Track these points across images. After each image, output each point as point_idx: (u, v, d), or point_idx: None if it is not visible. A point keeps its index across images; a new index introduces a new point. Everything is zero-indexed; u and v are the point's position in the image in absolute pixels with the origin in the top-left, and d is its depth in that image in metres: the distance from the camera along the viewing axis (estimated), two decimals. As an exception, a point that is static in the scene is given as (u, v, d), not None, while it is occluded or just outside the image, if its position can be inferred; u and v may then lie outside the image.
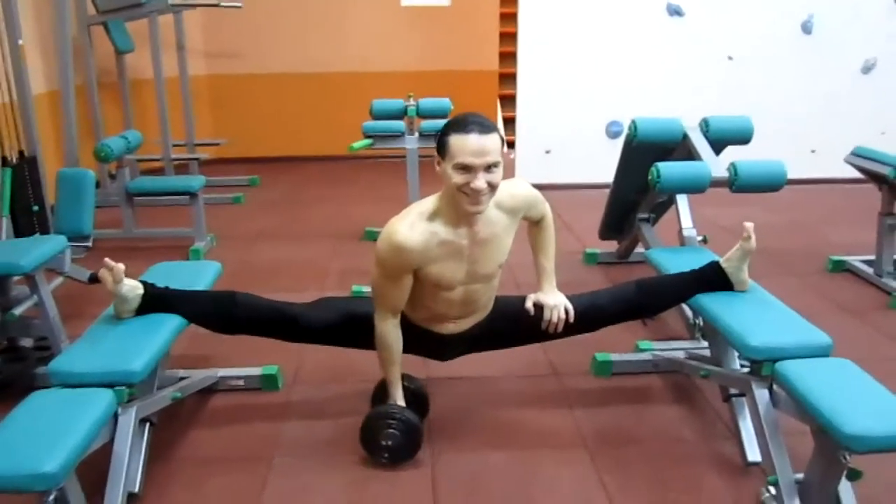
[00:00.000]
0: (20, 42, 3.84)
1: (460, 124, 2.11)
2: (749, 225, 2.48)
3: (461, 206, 2.15)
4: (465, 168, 2.09)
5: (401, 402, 2.43)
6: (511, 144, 6.51)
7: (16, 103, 3.88)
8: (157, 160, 6.13)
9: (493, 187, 2.13)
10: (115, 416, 2.09)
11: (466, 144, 2.08)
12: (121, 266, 2.34)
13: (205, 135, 7.03)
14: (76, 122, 5.25)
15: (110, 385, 2.07)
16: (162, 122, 5.96)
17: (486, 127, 2.10)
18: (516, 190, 2.35)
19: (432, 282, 2.27)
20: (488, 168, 2.09)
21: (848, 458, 1.86)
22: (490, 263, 2.32)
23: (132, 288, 2.40)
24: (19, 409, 1.95)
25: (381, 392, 2.54)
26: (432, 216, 2.22)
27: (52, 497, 1.77)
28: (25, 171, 3.75)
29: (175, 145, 6.23)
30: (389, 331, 2.37)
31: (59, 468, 1.72)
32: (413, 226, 2.19)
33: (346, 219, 5.38)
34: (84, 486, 1.95)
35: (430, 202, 2.26)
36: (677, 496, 2.28)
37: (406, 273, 2.25)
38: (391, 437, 2.37)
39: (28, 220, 3.70)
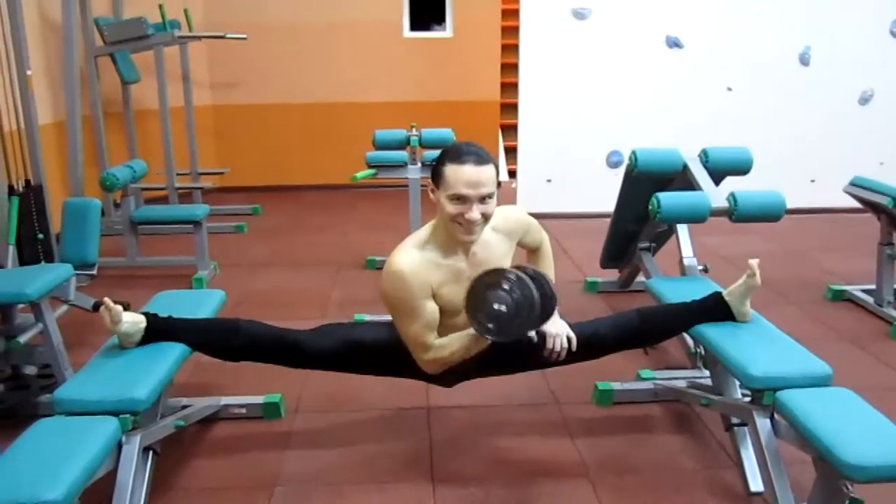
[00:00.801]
0: (28, 72, 3.89)
1: (456, 154, 2.13)
2: (754, 262, 2.47)
3: (455, 235, 2.18)
4: (460, 199, 2.11)
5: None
6: (512, 174, 6.54)
7: (23, 132, 3.92)
8: (161, 189, 6.18)
9: (486, 218, 2.17)
10: (119, 445, 2.10)
11: (462, 175, 2.10)
12: (119, 308, 2.33)
13: (208, 164, 7.10)
14: (81, 151, 5.30)
15: (114, 413, 2.07)
16: (166, 152, 6.00)
17: (482, 158, 2.13)
18: (509, 213, 2.40)
19: (440, 308, 2.28)
20: (482, 199, 2.12)
21: (850, 487, 1.87)
22: None
23: (133, 324, 2.40)
24: (24, 437, 1.96)
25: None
26: (427, 244, 2.25)
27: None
28: (31, 199, 3.79)
29: (178, 174, 6.28)
30: (438, 346, 2.29)
31: (63, 496, 1.72)
32: (409, 253, 2.22)
33: (348, 247, 5.41)
34: (87, 515, 1.95)
35: (423, 231, 2.30)
36: (680, 526, 2.28)
37: (421, 298, 2.21)
38: (500, 301, 2.07)
39: (33, 249, 3.72)
